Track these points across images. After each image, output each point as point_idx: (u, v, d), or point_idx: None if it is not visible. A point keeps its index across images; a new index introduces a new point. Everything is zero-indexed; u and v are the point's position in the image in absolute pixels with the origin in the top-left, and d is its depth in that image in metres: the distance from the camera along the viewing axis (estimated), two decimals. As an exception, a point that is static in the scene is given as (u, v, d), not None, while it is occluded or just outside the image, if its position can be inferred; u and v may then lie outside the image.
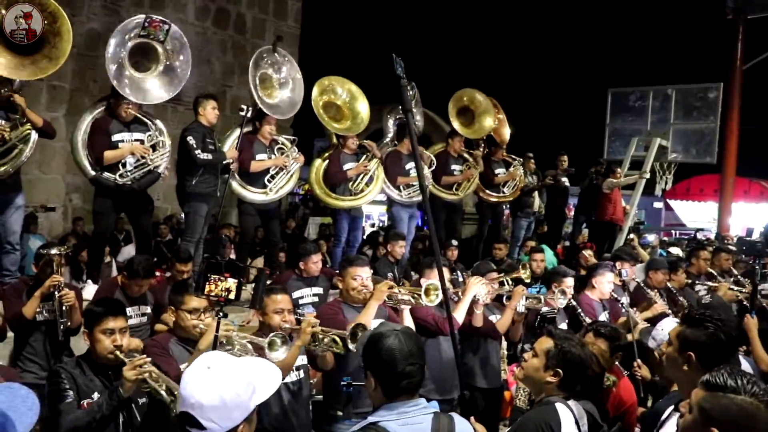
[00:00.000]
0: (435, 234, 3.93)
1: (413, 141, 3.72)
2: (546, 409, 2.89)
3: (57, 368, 3.47)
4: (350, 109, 8.21)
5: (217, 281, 3.59)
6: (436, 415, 2.47)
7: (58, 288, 4.74)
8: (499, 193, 9.89)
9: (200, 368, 2.04)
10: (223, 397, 1.98)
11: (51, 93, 11.42)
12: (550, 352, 2.97)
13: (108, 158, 6.28)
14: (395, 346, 2.47)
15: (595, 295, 6.06)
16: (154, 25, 6.47)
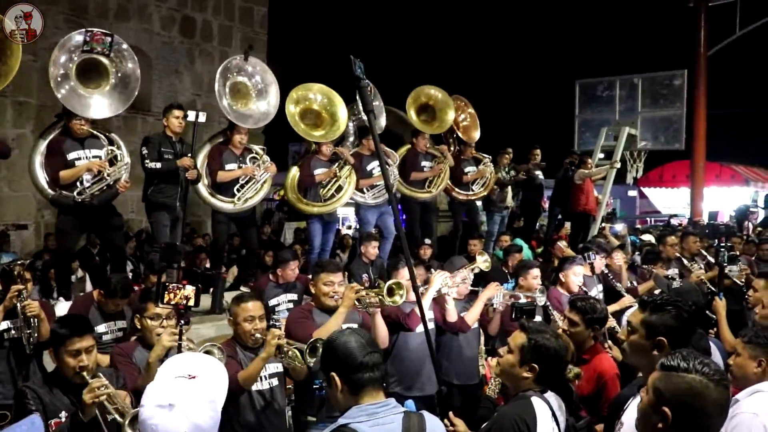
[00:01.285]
0: (402, 232, 3.97)
1: (376, 141, 3.75)
2: (521, 403, 2.92)
3: (23, 388, 3.44)
4: (329, 114, 8.20)
5: (175, 290, 3.60)
6: (406, 414, 2.48)
7: (21, 298, 4.66)
8: (468, 192, 9.92)
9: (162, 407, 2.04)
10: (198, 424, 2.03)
11: (17, 109, 11.31)
12: (524, 347, 2.99)
13: (64, 177, 6.20)
14: (350, 340, 2.51)
15: (565, 289, 6.14)
16: (96, 39, 6.33)
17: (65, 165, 6.23)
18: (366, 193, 8.61)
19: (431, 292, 5.20)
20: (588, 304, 4.21)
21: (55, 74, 6.20)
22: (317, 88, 8.23)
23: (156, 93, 13.80)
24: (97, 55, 6.38)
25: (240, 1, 15.53)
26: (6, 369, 4.81)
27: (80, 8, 12.79)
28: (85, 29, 6.48)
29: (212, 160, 7.27)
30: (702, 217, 16.42)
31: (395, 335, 5.10)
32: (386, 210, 8.77)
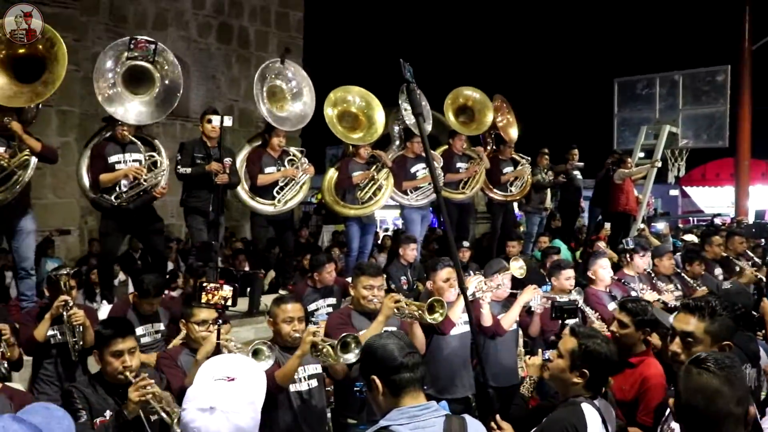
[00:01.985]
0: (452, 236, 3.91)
1: (425, 144, 3.72)
2: (572, 410, 2.87)
3: (70, 388, 3.51)
4: (366, 117, 8.25)
5: (213, 290, 3.63)
6: (447, 417, 2.44)
7: (67, 308, 4.78)
8: (506, 192, 9.84)
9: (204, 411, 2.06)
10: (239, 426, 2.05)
11: (61, 118, 11.55)
12: (575, 352, 2.94)
13: (104, 181, 6.33)
14: (388, 342, 2.50)
15: (599, 286, 6.02)
16: (140, 46, 6.48)
17: (106, 168, 6.35)
18: (410, 195, 8.63)
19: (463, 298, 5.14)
20: (639, 306, 4.04)
21: (100, 81, 6.35)
22: (356, 90, 8.29)
23: (194, 99, 14.00)
24: (141, 62, 6.50)
25: (276, 6, 15.67)
26: (53, 372, 4.95)
27: (120, 18, 13.07)
28: (129, 37, 6.62)
29: (251, 163, 7.36)
30: (747, 216, 16.04)
31: (429, 337, 5.06)
32: (426, 214, 8.78)
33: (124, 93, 6.47)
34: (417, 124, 3.69)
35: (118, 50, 6.48)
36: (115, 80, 6.42)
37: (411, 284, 7.60)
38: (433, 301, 4.35)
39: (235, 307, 4.51)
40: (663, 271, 6.91)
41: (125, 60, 6.45)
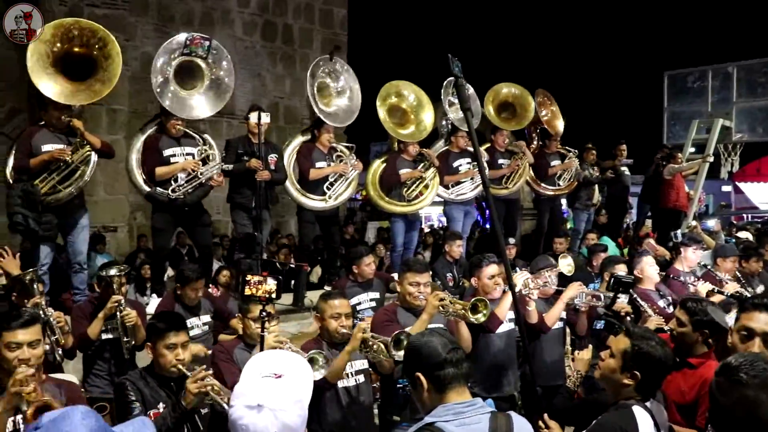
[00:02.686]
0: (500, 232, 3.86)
1: (473, 139, 3.68)
2: (623, 413, 2.79)
3: (123, 380, 3.56)
4: (415, 115, 8.27)
5: (257, 284, 3.65)
6: (493, 414, 2.42)
7: (120, 308, 4.87)
8: (554, 186, 9.71)
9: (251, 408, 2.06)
10: (287, 424, 2.04)
11: (110, 116, 11.79)
12: (627, 353, 2.86)
13: (160, 174, 6.43)
14: (432, 339, 2.49)
15: (647, 284, 5.86)
16: (195, 42, 6.61)
17: (161, 162, 6.46)
18: (450, 190, 8.59)
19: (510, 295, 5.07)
20: (698, 306, 3.87)
21: (156, 76, 6.50)
22: (413, 88, 8.31)
23: (239, 97, 14.12)
24: (195, 58, 6.60)
25: (320, 3, 15.73)
26: (105, 368, 5.06)
27: (167, 17, 13.27)
28: (185, 34, 6.77)
29: (302, 158, 7.44)
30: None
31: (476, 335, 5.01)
32: (470, 210, 8.72)
33: (177, 88, 6.60)
34: (465, 119, 3.64)
35: (174, 46, 6.62)
36: (169, 75, 6.56)
37: (457, 281, 7.54)
38: (476, 300, 4.32)
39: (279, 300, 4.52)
40: (723, 271, 6.62)
41: (180, 56, 6.58)
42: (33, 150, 5.94)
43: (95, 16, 11.09)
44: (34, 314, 3.35)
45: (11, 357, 3.14)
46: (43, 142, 5.98)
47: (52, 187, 5.92)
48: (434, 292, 4.51)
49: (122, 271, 5.06)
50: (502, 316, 4.87)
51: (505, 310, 4.86)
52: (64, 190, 5.95)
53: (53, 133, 6.04)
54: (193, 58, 6.65)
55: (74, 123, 5.97)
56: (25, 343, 3.17)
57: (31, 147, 5.95)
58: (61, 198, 5.96)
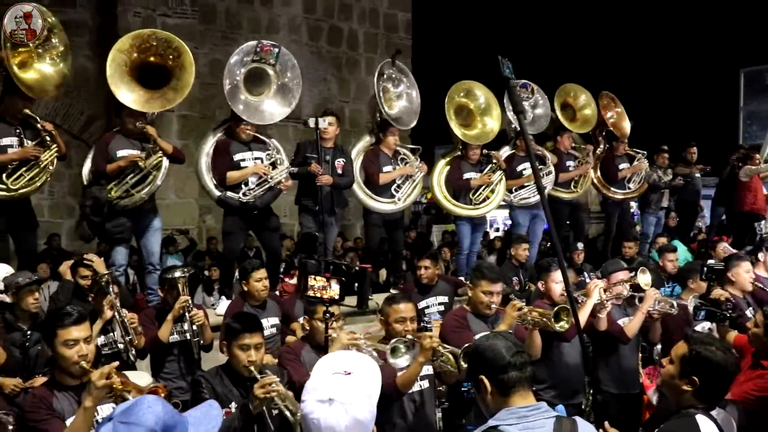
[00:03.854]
0: (556, 236, 3.82)
1: (527, 142, 3.64)
2: (685, 422, 2.72)
3: (198, 378, 3.66)
4: (481, 117, 8.24)
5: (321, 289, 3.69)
6: (558, 419, 2.38)
7: (188, 309, 4.98)
8: (623, 189, 9.51)
9: (323, 402, 2.08)
10: (357, 419, 2.06)
11: (181, 122, 12.13)
12: (685, 358, 2.80)
13: (231, 178, 6.55)
14: (495, 342, 2.47)
15: (737, 289, 5.65)
16: (265, 50, 6.74)
17: (231, 166, 6.57)
18: (514, 194, 8.52)
19: (589, 304, 4.99)
20: None
21: (227, 82, 6.65)
22: (484, 91, 8.25)
23: (306, 101, 14.32)
24: (264, 65, 6.74)
25: (384, 8, 15.81)
26: (176, 369, 5.16)
27: (235, 25, 13.57)
28: (255, 41, 6.90)
29: (370, 162, 7.50)
30: None
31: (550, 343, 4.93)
32: (538, 214, 8.61)
33: (247, 94, 6.74)
34: (518, 122, 3.60)
35: (245, 53, 6.77)
36: (239, 81, 6.70)
37: (523, 285, 7.46)
38: (559, 309, 4.28)
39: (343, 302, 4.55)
40: None
41: (250, 62, 6.72)
42: (109, 155, 6.17)
43: (167, 25, 11.45)
44: (83, 311, 3.43)
45: (70, 354, 3.22)
46: (118, 147, 6.19)
47: (125, 191, 6.12)
48: (512, 303, 4.48)
49: (186, 272, 5.16)
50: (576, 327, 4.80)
51: (583, 318, 4.78)
52: (137, 194, 6.14)
53: (128, 139, 6.24)
54: (262, 65, 6.78)
55: (148, 129, 6.17)
56: (81, 339, 3.26)
57: (108, 152, 6.18)
58: (134, 202, 6.15)
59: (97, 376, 3.04)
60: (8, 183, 5.78)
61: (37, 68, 5.99)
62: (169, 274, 5.14)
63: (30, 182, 5.88)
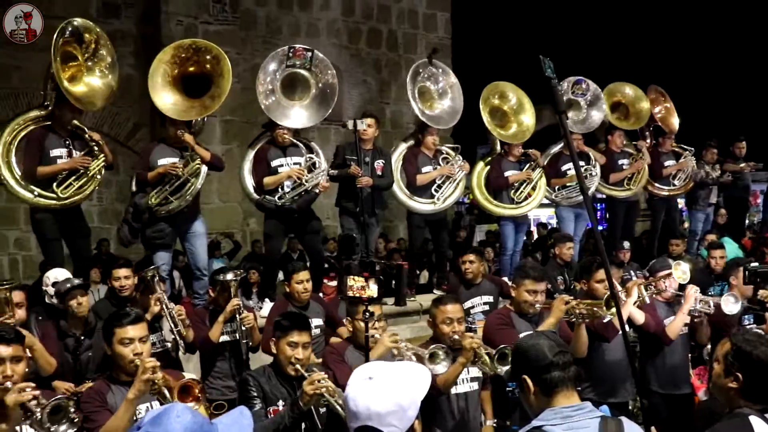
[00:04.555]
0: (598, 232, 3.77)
1: (569, 142, 3.59)
2: (737, 423, 2.65)
3: (246, 376, 3.71)
4: (515, 117, 8.22)
5: (360, 289, 3.72)
6: (603, 419, 2.35)
7: (239, 311, 5.08)
8: (669, 186, 9.33)
9: (363, 382, 2.12)
10: (398, 402, 2.07)
11: (224, 127, 12.30)
12: (728, 356, 2.74)
13: (267, 183, 6.66)
14: (538, 341, 2.46)
15: None
16: (297, 54, 6.79)
17: (269, 172, 6.68)
18: (557, 192, 8.45)
19: (629, 303, 4.95)
20: None
21: (261, 88, 6.73)
22: (514, 89, 8.24)
23: (347, 104, 14.39)
24: (299, 69, 6.80)
25: (423, 8, 15.79)
26: (225, 369, 5.28)
27: (275, 30, 13.71)
28: (288, 46, 6.96)
29: (408, 163, 7.53)
30: None
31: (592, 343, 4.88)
32: (581, 213, 8.53)
33: (283, 99, 6.82)
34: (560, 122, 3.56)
35: (278, 58, 6.85)
36: (275, 87, 6.79)
37: (568, 284, 7.37)
38: (609, 296, 4.23)
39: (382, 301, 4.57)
40: None
41: (284, 68, 6.80)
42: (150, 163, 6.30)
43: (208, 32, 11.63)
44: (139, 312, 3.57)
45: (126, 352, 3.34)
46: (159, 156, 6.32)
47: (164, 198, 6.22)
48: (560, 296, 4.47)
49: (238, 276, 5.28)
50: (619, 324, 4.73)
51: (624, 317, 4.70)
52: (175, 201, 6.22)
53: (170, 147, 6.36)
54: (298, 69, 6.84)
55: (185, 138, 6.25)
56: (137, 338, 3.38)
57: (149, 161, 6.32)
58: (172, 209, 6.24)
59: (142, 370, 3.15)
60: (58, 192, 5.95)
61: (86, 81, 6.14)
62: (221, 276, 5.25)
63: (78, 191, 6.04)
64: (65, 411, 2.96)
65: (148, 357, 3.37)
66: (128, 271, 5.44)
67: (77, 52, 6.07)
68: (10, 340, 3.14)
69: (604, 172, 8.68)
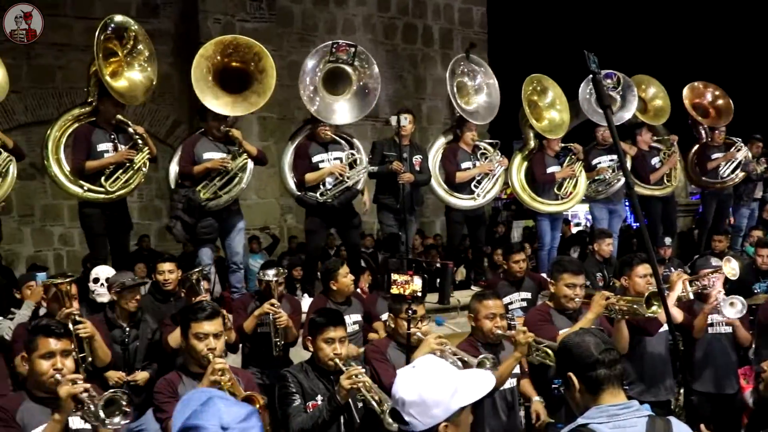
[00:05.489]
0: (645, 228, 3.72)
1: (614, 137, 3.55)
2: None
3: (284, 373, 3.74)
4: (549, 111, 8.16)
5: (404, 284, 3.71)
6: (651, 418, 2.33)
7: (274, 310, 5.13)
8: (716, 179, 9.14)
9: (407, 368, 2.17)
10: (421, 395, 2.07)
11: (262, 124, 12.38)
12: None
13: (309, 180, 6.68)
14: (584, 338, 2.44)
15: None
16: (341, 50, 6.82)
17: (310, 168, 6.70)
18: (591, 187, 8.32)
19: (672, 297, 4.88)
20: None
21: (304, 84, 6.77)
22: (554, 87, 8.16)
23: (383, 99, 14.39)
24: (342, 65, 6.82)
25: (459, 3, 15.71)
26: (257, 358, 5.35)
27: (311, 27, 13.78)
28: (331, 41, 7.00)
29: (447, 160, 7.52)
30: None
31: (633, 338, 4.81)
32: (616, 210, 8.42)
33: (327, 95, 6.85)
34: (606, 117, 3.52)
35: (321, 54, 6.88)
36: (317, 82, 6.82)
37: (607, 281, 7.28)
38: (651, 294, 4.19)
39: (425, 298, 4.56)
40: None
41: (326, 62, 6.82)
42: (194, 158, 6.38)
43: (245, 30, 11.71)
44: (216, 307, 3.63)
45: (201, 347, 3.42)
46: (203, 150, 6.41)
47: (213, 193, 6.33)
48: (600, 292, 4.43)
49: (280, 274, 5.34)
50: (663, 320, 4.67)
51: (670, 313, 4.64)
52: (224, 196, 6.34)
53: (213, 142, 6.45)
54: (341, 65, 6.86)
55: (233, 133, 6.36)
56: (211, 333, 3.45)
57: (193, 155, 6.39)
58: (222, 203, 6.36)
59: (211, 371, 3.23)
60: (106, 185, 6.09)
61: (127, 76, 6.29)
62: (262, 274, 5.33)
63: (125, 184, 6.19)
64: (118, 404, 3.02)
65: (221, 353, 3.46)
66: (172, 266, 5.58)
67: (117, 48, 6.22)
68: (60, 335, 3.19)
69: (638, 172, 8.54)
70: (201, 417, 1.74)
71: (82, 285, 5.46)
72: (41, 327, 3.21)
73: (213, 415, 1.74)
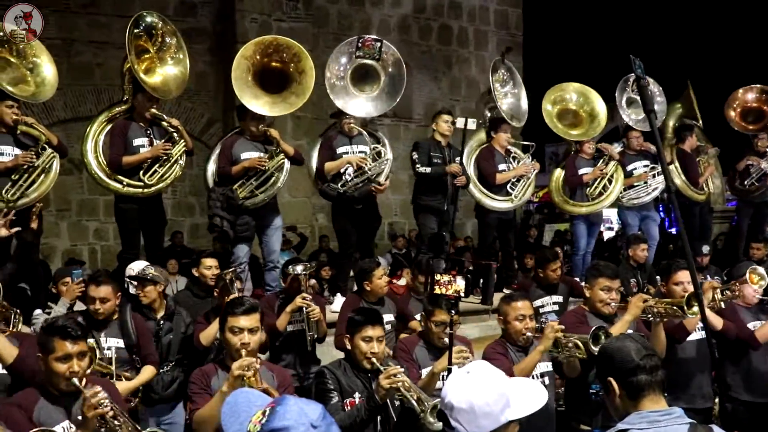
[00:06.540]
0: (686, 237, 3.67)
1: (657, 142, 3.51)
2: None
3: (323, 369, 3.78)
4: (586, 112, 8.14)
5: (447, 284, 3.70)
6: (692, 426, 2.29)
7: (307, 304, 5.14)
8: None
9: (461, 372, 2.16)
10: (471, 403, 2.07)
11: (295, 122, 12.44)
12: None
13: (329, 169, 6.74)
14: (625, 343, 2.41)
15: None
16: (367, 45, 6.85)
17: (332, 158, 6.76)
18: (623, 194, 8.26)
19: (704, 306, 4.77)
20: None
21: (330, 78, 6.84)
22: (572, 88, 8.25)
23: (416, 101, 14.40)
24: (368, 60, 6.84)
25: (494, 4, 15.65)
26: (291, 358, 5.37)
27: (346, 27, 13.81)
28: (356, 36, 7.08)
29: (485, 163, 7.55)
30: None
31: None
32: (649, 215, 8.34)
33: (351, 89, 6.90)
34: (649, 121, 3.48)
35: (347, 49, 6.94)
36: (345, 77, 6.88)
37: (641, 286, 7.20)
38: (691, 295, 4.14)
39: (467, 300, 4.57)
40: None
41: (354, 59, 6.88)
42: (232, 157, 6.44)
43: (282, 29, 11.79)
44: (254, 303, 3.63)
45: (235, 341, 3.43)
46: (241, 150, 6.47)
47: (250, 191, 6.39)
48: (638, 294, 4.42)
49: (308, 268, 5.36)
50: (691, 327, 4.61)
51: (694, 321, 4.57)
52: (261, 195, 6.41)
53: (250, 141, 6.51)
54: (367, 60, 6.88)
55: (271, 132, 6.42)
56: (246, 329, 3.46)
57: (231, 155, 6.45)
58: (258, 202, 6.42)
59: (236, 366, 3.22)
60: (145, 179, 6.16)
61: (159, 72, 6.36)
62: (291, 267, 5.33)
63: (162, 178, 6.24)
64: None
65: (256, 348, 3.47)
66: (215, 261, 5.60)
67: (148, 45, 6.30)
68: (77, 337, 3.16)
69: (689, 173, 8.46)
70: (286, 417, 1.70)
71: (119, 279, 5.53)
72: (58, 328, 3.16)
73: (299, 414, 1.72)
